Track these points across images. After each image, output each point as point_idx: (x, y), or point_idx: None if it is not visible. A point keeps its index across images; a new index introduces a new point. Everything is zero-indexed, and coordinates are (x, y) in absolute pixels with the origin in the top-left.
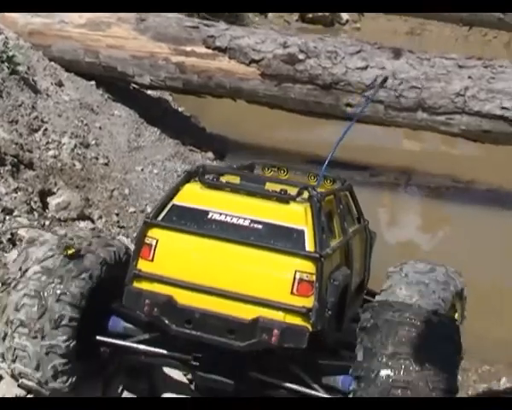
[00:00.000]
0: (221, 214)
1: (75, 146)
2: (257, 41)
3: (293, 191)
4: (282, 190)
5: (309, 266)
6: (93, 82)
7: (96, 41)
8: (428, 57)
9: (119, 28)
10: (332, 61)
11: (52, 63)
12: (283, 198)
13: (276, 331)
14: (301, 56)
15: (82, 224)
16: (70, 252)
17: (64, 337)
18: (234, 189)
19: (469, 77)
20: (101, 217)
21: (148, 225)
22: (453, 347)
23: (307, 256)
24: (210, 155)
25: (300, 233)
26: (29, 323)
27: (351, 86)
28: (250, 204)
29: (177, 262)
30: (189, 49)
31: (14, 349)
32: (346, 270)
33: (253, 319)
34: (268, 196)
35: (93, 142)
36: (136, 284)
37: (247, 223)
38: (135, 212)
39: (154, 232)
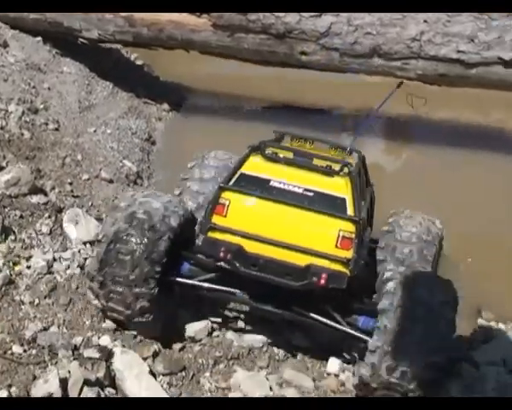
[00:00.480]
0: (280, 183)
1: (23, 113)
2: None
3: (335, 166)
4: (327, 165)
5: (350, 227)
6: (39, 38)
7: None
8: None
9: None
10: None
11: None
12: (329, 172)
13: (324, 275)
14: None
15: (34, 198)
16: None
17: (150, 286)
18: (289, 162)
19: (425, 21)
20: (53, 188)
21: (222, 189)
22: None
23: (349, 219)
24: (165, 106)
25: (343, 201)
26: (125, 275)
27: (305, 34)
28: (303, 176)
29: (246, 219)
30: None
31: (110, 293)
32: (369, 229)
33: (306, 265)
34: (317, 169)
35: (42, 106)
36: (211, 235)
37: (301, 190)
38: (89, 179)
39: (226, 194)
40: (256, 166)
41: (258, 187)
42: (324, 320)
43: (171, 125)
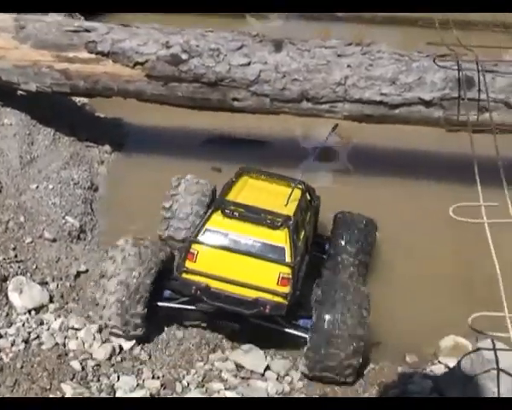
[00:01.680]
0: (235, 235)
1: None
2: (139, 43)
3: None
4: (272, 219)
5: (287, 270)
6: None
7: None
8: (308, 48)
9: None
10: (215, 59)
11: None
12: (273, 226)
13: (268, 306)
14: (184, 56)
15: None
16: None
17: (141, 307)
18: (242, 218)
19: (348, 66)
20: None
21: (192, 242)
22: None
23: (286, 264)
24: (107, 147)
25: (282, 249)
26: (121, 300)
27: (235, 82)
28: (253, 229)
29: (210, 263)
30: (71, 55)
31: (109, 315)
32: (306, 257)
33: (255, 298)
34: (264, 223)
35: None
36: (184, 276)
37: (251, 241)
38: (32, 241)
39: (195, 246)
40: (217, 223)
41: (219, 239)
42: (272, 326)
43: (113, 167)
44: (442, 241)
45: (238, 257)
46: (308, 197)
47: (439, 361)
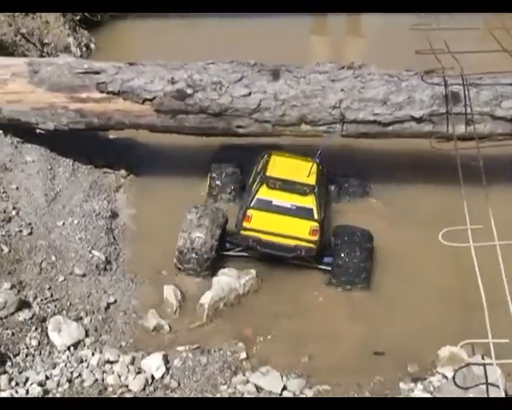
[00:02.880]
0: (277, 201)
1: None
2: (146, 81)
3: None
4: (302, 188)
5: (316, 224)
6: (0, 132)
7: None
8: (304, 75)
9: (15, 84)
10: (218, 92)
11: None
12: (303, 193)
13: (303, 250)
14: (189, 91)
15: (21, 315)
16: None
17: (213, 253)
18: (281, 188)
19: (342, 90)
20: (35, 297)
21: (247, 208)
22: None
23: (315, 220)
24: (123, 172)
25: (311, 210)
26: (200, 249)
27: (238, 111)
28: (289, 196)
29: (261, 223)
30: (84, 95)
31: (189, 260)
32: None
33: (294, 245)
34: (297, 191)
35: (14, 212)
36: (242, 232)
37: (288, 205)
38: (64, 279)
39: (250, 211)
40: (264, 193)
41: (266, 205)
42: (307, 264)
43: (129, 192)
44: (437, 257)
45: (280, 217)
46: (321, 169)
47: (437, 371)
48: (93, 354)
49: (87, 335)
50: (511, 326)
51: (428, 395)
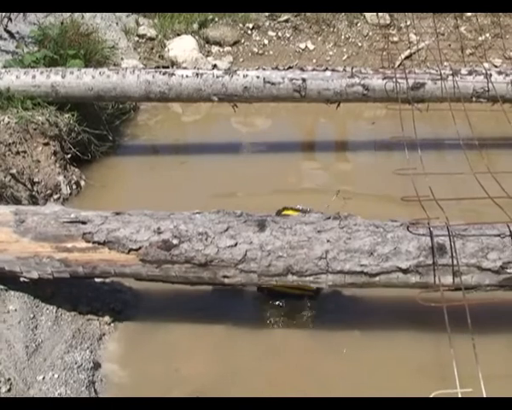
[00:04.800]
0: None
1: None
2: (132, 231)
3: None
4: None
5: None
6: None
7: None
8: (290, 226)
9: (0, 233)
10: (204, 243)
11: None
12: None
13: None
14: (175, 241)
15: None
16: None
17: None
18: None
19: (328, 241)
20: None
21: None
22: None
23: None
24: (107, 318)
25: None
26: None
27: (224, 262)
28: None
29: None
30: (70, 245)
31: None
32: None
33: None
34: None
35: None
36: None
37: None
38: None
39: None
40: None
41: None
42: None
43: (113, 339)
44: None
45: None
46: None
47: None
48: None
49: None
50: None
51: None
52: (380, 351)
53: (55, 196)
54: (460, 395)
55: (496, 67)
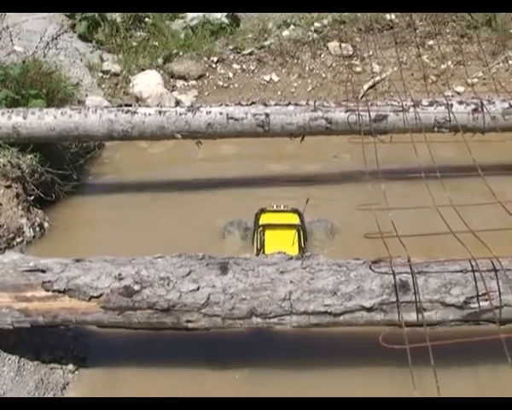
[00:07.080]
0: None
1: None
2: (93, 278)
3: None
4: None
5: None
6: None
7: None
8: (252, 267)
9: None
10: (165, 288)
11: None
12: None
13: None
14: (137, 287)
15: None
16: None
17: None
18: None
19: (291, 281)
20: None
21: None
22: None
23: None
24: (70, 367)
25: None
26: None
27: (187, 306)
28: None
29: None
30: (29, 294)
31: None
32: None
33: None
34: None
35: None
36: None
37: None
38: None
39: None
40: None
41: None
42: None
43: (77, 389)
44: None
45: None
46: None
47: None
48: None
49: None
50: None
51: None
52: (339, 389)
53: (18, 240)
54: None
55: (458, 94)
